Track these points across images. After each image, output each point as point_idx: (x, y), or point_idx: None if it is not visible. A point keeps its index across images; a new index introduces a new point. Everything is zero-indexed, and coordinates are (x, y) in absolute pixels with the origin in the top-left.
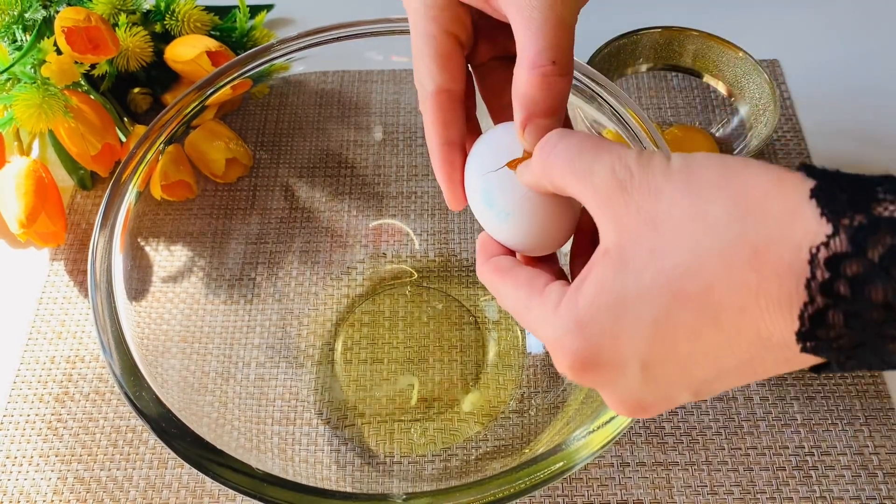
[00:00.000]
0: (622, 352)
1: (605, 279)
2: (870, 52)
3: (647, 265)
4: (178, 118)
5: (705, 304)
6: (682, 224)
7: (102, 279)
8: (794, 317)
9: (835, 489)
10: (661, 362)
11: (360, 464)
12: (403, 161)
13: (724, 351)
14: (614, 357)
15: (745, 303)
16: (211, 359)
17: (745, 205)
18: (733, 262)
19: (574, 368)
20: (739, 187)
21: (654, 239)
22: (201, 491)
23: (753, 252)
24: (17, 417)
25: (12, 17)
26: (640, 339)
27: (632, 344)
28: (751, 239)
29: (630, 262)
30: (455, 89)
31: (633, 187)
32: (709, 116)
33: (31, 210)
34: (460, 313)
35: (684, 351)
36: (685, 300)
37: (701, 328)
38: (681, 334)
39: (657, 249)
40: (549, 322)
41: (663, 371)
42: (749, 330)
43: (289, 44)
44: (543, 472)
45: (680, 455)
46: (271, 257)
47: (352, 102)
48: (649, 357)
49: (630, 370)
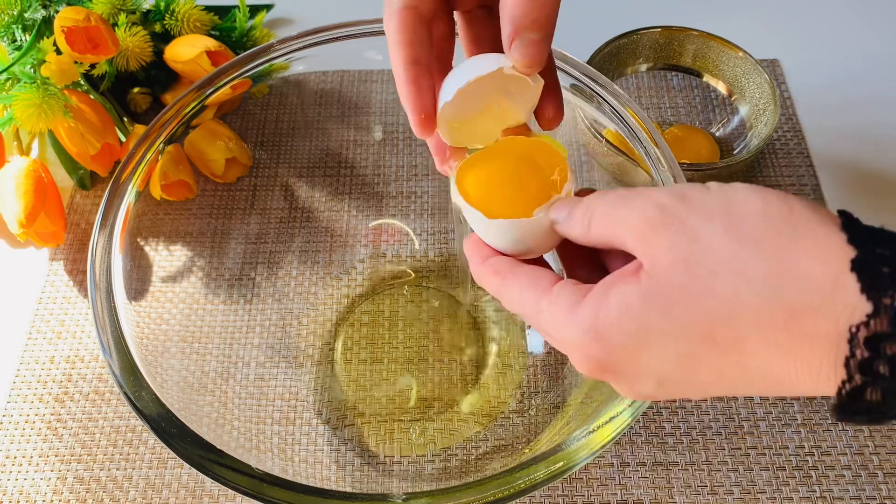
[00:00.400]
0: (640, 369)
1: (631, 304)
2: (870, 52)
3: (676, 303)
4: (178, 118)
5: (733, 352)
6: (719, 271)
7: (102, 279)
8: (825, 381)
9: (835, 489)
10: (677, 382)
11: (359, 464)
12: (403, 161)
13: (741, 383)
14: (631, 371)
15: (772, 357)
16: (210, 359)
17: (786, 264)
18: (768, 320)
19: (592, 370)
20: (782, 241)
21: (686, 280)
22: (201, 491)
23: (790, 315)
24: (16, 417)
25: (12, 17)
26: (661, 364)
27: (651, 365)
28: (789, 302)
29: (658, 297)
30: (423, 8)
31: (668, 222)
32: (709, 116)
33: (30, 210)
34: (460, 313)
35: (703, 379)
36: (713, 345)
37: (724, 369)
38: (703, 370)
39: (689, 291)
40: (565, 326)
41: (678, 388)
42: (772, 375)
43: (288, 43)
44: (543, 472)
45: (680, 455)
46: (271, 257)
47: (351, 102)
48: (667, 379)
49: (647, 381)
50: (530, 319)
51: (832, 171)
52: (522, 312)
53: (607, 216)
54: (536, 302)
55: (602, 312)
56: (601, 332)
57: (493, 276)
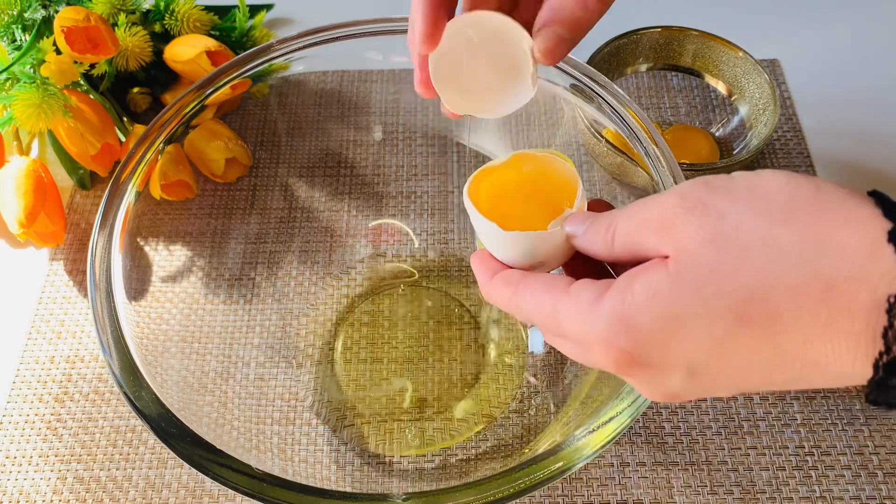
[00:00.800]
0: (670, 358)
1: (659, 287)
2: (870, 52)
3: (707, 283)
4: (178, 118)
5: (768, 331)
6: (750, 247)
7: (102, 279)
8: (863, 357)
9: (835, 489)
10: (709, 371)
11: (359, 464)
12: (403, 161)
13: (776, 370)
14: (661, 360)
15: (810, 334)
16: (210, 359)
17: (819, 236)
18: (804, 293)
19: (619, 364)
20: (813, 215)
21: (716, 258)
22: (201, 491)
23: (827, 286)
24: (16, 417)
25: (12, 17)
26: (692, 350)
27: (681, 353)
28: (825, 272)
29: (688, 278)
30: None
31: (691, 206)
32: (709, 116)
33: (30, 210)
34: (460, 313)
35: (735, 366)
36: (747, 323)
37: (758, 350)
38: (735, 353)
39: (719, 270)
40: (587, 320)
41: (708, 378)
42: (808, 357)
43: (288, 43)
44: (543, 472)
45: (680, 455)
46: (271, 257)
47: (351, 102)
48: (697, 366)
49: (676, 373)
50: (547, 324)
51: (832, 171)
52: (538, 320)
53: (630, 221)
54: (554, 304)
55: (628, 299)
56: (628, 319)
57: (503, 287)
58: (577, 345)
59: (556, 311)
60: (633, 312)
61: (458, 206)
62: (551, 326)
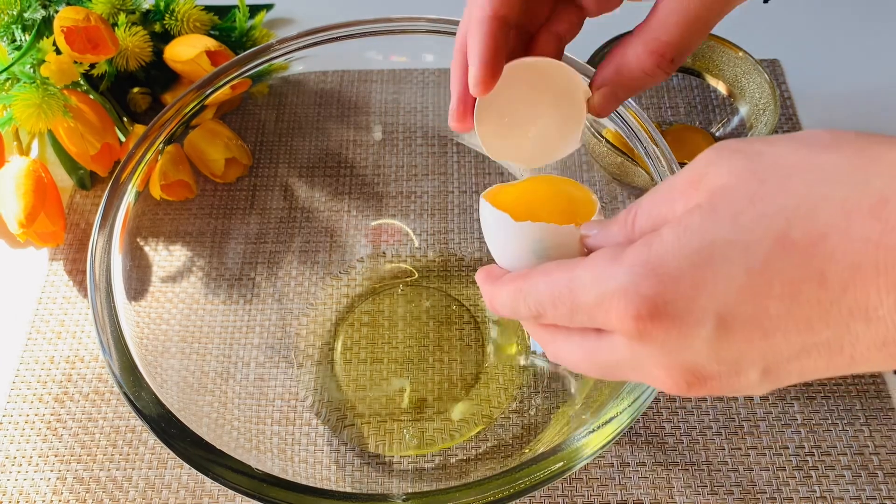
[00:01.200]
0: (700, 304)
1: (689, 223)
2: (870, 52)
3: (745, 209)
4: (178, 118)
5: (812, 255)
6: (794, 171)
7: (102, 279)
8: None
9: (835, 489)
10: (742, 321)
11: (359, 464)
12: (403, 161)
13: (818, 319)
14: (689, 309)
15: (860, 258)
16: (210, 359)
17: (869, 156)
18: (855, 209)
19: (640, 318)
20: (859, 145)
21: (754, 187)
22: (201, 491)
23: (880, 200)
24: (16, 417)
25: (11, 17)
26: (725, 290)
27: (714, 295)
28: (878, 188)
29: (722, 208)
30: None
31: (723, 155)
32: (709, 116)
33: (30, 210)
34: (460, 313)
35: (774, 312)
36: (789, 248)
37: (801, 284)
38: (775, 289)
39: (759, 195)
40: (605, 274)
41: (742, 332)
42: (856, 293)
43: (288, 43)
44: (543, 472)
45: (680, 455)
46: (271, 257)
47: (351, 102)
48: (730, 312)
49: (704, 327)
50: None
51: None
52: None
53: (654, 194)
54: (569, 276)
55: (655, 245)
56: (654, 263)
57: (511, 282)
58: (590, 317)
59: (570, 282)
60: (660, 255)
61: (458, 206)
62: (564, 304)
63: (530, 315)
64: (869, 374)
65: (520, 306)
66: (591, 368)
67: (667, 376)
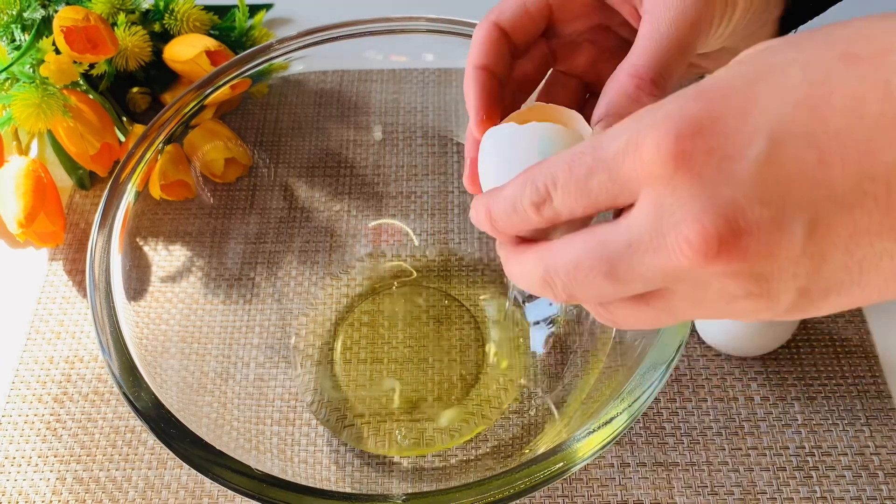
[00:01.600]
0: (752, 120)
1: (745, 58)
2: None
3: (808, 39)
4: (177, 118)
5: (877, 66)
6: (846, 22)
7: (101, 279)
8: None
9: (836, 490)
10: (796, 138)
11: (359, 464)
12: (403, 161)
13: (880, 136)
14: (739, 125)
15: None
16: (210, 359)
17: None
18: None
19: (681, 136)
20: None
21: (805, 35)
22: (200, 492)
23: None
24: (15, 418)
25: (11, 17)
26: (781, 102)
27: (768, 109)
28: None
29: (784, 42)
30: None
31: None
32: None
33: (29, 210)
34: (460, 313)
35: (832, 127)
36: (852, 61)
37: (864, 94)
38: (836, 101)
39: (813, 33)
40: (639, 115)
41: (794, 152)
42: None
43: (288, 43)
44: (543, 472)
45: (680, 455)
46: (270, 257)
47: (351, 102)
48: (785, 128)
49: (753, 146)
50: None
51: None
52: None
53: None
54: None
55: (704, 80)
56: (705, 84)
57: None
58: (612, 173)
59: (595, 140)
60: (708, 82)
61: (458, 206)
62: (581, 164)
63: (532, 201)
64: (869, 374)
65: (525, 192)
66: (592, 269)
67: (695, 229)
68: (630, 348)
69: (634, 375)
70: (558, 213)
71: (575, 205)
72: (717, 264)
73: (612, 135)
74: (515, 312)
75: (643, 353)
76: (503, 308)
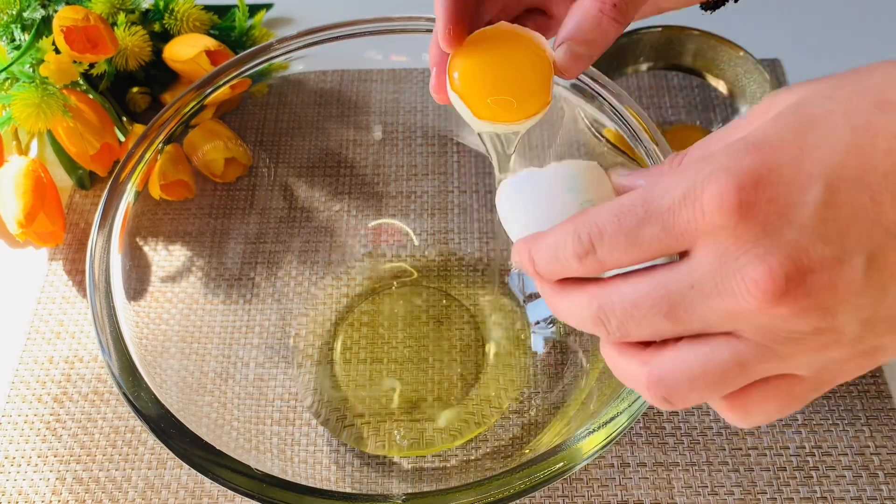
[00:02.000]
0: (806, 168)
1: (784, 111)
2: (870, 52)
3: (835, 90)
4: (177, 118)
5: None
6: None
7: (101, 279)
8: None
9: (836, 490)
10: (849, 182)
11: (359, 464)
12: (403, 161)
13: None
14: (795, 174)
15: None
16: (210, 359)
17: None
18: None
19: (743, 188)
20: None
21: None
22: (200, 491)
23: None
24: (15, 418)
25: (11, 17)
26: (831, 150)
27: (820, 157)
28: None
29: (817, 90)
30: None
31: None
32: (709, 116)
33: (29, 210)
34: (460, 313)
35: (881, 168)
36: (888, 107)
37: None
38: (880, 143)
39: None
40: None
41: (849, 195)
42: None
43: (288, 43)
44: (543, 472)
45: (680, 455)
46: (270, 257)
47: (351, 102)
48: (837, 174)
49: (810, 191)
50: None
51: None
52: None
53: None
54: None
55: (753, 129)
56: (752, 139)
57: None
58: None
59: (644, 191)
60: (759, 132)
61: (458, 206)
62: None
63: (575, 252)
64: (870, 374)
65: (567, 242)
66: (653, 308)
67: (762, 271)
68: None
69: None
70: (602, 264)
71: (624, 256)
72: (785, 303)
73: (664, 187)
74: (516, 312)
75: None
76: (503, 308)
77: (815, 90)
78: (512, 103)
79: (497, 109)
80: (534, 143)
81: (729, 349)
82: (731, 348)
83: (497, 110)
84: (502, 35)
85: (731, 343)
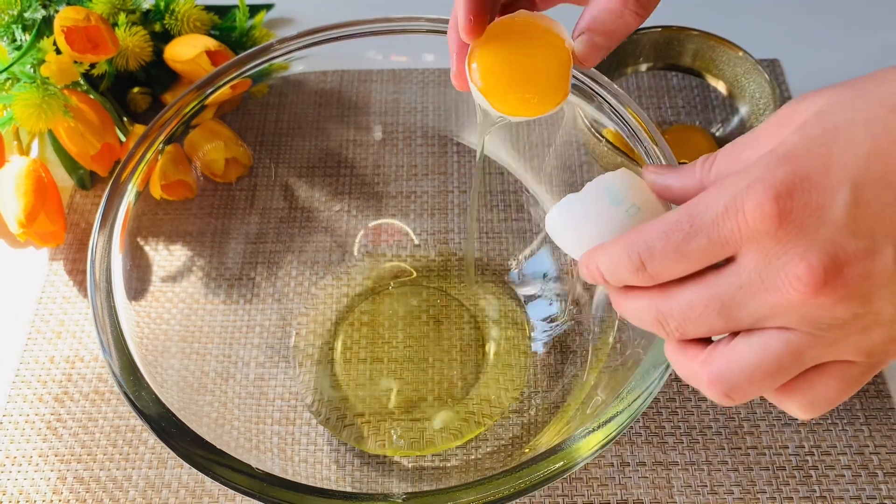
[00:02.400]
0: (834, 174)
1: (807, 122)
2: (870, 52)
3: (853, 102)
4: (178, 118)
5: None
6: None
7: (102, 279)
8: None
9: (835, 489)
10: (874, 182)
11: (359, 463)
12: (403, 161)
13: None
14: (824, 179)
15: None
16: (210, 358)
17: None
18: None
19: (779, 196)
20: None
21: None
22: (201, 491)
23: None
24: (16, 417)
25: (12, 17)
26: (855, 156)
27: (845, 164)
28: None
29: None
30: None
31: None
32: (709, 116)
33: (30, 210)
34: (460, 313)
35: None
36: None
37: None
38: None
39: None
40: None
41: (875, 193)
42: None
43: (288, 43)
44: (543, 471)
45: (680, 455)
46: (271, 257)
47: (351, 102)
48: (862, 176)
49: (840, 192)
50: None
51: None
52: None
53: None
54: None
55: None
56: (780, 153)
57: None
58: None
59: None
60: (786, 146)
61: (458, 205)
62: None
63: (629, 270)
64: None
65: (620, 262)
66: (707, 308)
67: (803, 266)
68: (630, 348)
69: (634, 375)
70: (654, 277)
71: (675, 267)
72: (826, 293)
73: (706, 203)
74: (516, 312)
75: (643, 353)
76: (503, 308)
77: (833, 100)
78: (532, 99)
79: (517, 105)
80: (534, 142)
81: (780, 340)
82: (783, 339)
83: (517, 105)
84: (522, 26)
85: (781, 334)
